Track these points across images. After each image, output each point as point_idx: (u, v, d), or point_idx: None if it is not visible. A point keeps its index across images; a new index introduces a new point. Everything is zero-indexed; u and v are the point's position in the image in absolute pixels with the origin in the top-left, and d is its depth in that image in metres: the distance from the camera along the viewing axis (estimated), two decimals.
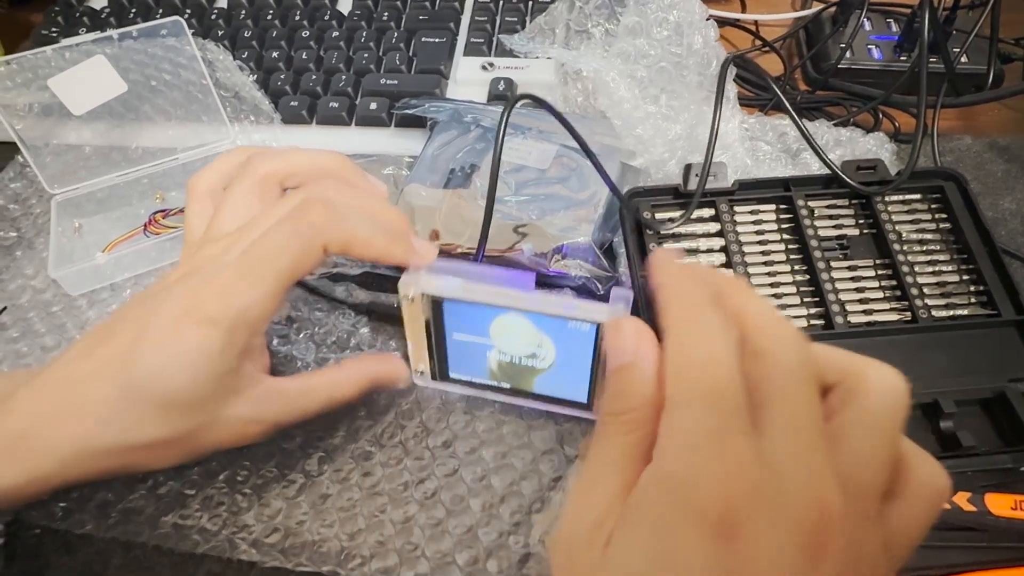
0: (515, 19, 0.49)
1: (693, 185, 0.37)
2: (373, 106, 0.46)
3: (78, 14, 0.53)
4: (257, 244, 0.26)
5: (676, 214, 0.37)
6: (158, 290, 0.28)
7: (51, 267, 0.39)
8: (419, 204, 0.39)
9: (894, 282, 0.35)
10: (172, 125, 0.46)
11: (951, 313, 0.34)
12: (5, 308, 0.39)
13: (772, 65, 0.51)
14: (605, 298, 0.29)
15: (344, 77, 0.48)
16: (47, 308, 0.40)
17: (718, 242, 0.36)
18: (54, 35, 0.52)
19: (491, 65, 0.47)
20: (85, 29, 0.52)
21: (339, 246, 0.27)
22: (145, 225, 0.42)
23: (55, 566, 0.31)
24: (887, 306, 0.35)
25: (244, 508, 0.32)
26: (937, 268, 0.35)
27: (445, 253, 0.38)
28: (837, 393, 0.19)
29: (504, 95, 0.45)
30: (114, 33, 0.42)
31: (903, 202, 0.38)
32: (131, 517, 0.32)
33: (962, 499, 0.28)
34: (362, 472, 0.32)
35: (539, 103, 0.32)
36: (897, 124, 0.45)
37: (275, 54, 0.50)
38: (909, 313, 0.34)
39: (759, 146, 0.41)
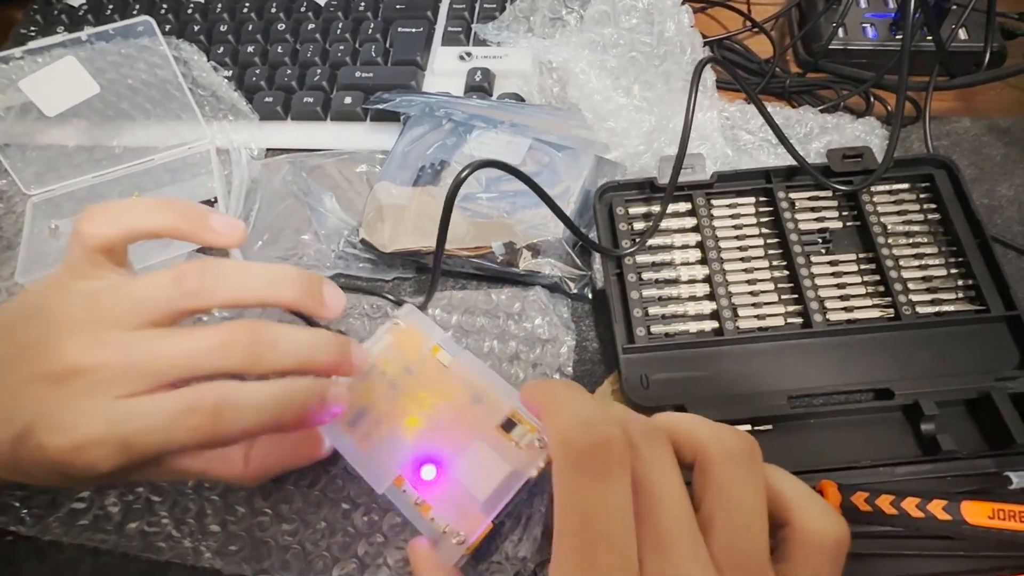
0: (494, 6, 0.47)
1: (668, 179, 0.35)
2: (348, 100, 0.45)
3: (56, 12, 0.52)
4: (133, 416, 0.23)
5: (650, 208, 0.36)
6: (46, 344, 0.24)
7: (19, 272, 0.38)
8: (388, 202, 0.38)
9: (877, 277, 0.34)
10: (151, 124, 0.45)
11: (937, 309, 0.32)
12: None
13: (763, 47, 0.48)
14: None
15: (319, 71, 0.46)
16: None
17: (693, 237, 0.35)
18: (32, 34, 0.51)
19: (468, 55, 0.45)
20: (63, 27, 0.52)
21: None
22: None
23: (28, 572, 0.31)
24: (869, 303, 0.33)
25: (210, 515, 0.31)
26: (923, 262, 0.34)
27: (415, 254, 0.37)
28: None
29: (481, 86, 0.44)
30: (84, 34, 0.42)
31: (890, 192, 0.36)
32: (100, 524, 0.32)
33: (937, 507, 0.27)
34: (328, 477, 0.32)
35: (496, 165, 0.31)
36: (889, 108, 0.43)
37: (251, 48, 0.48)
38: (892, 310, 0.33)
39: (741, 135, 0.39)
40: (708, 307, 0.33)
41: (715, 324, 0.33)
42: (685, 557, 0.18)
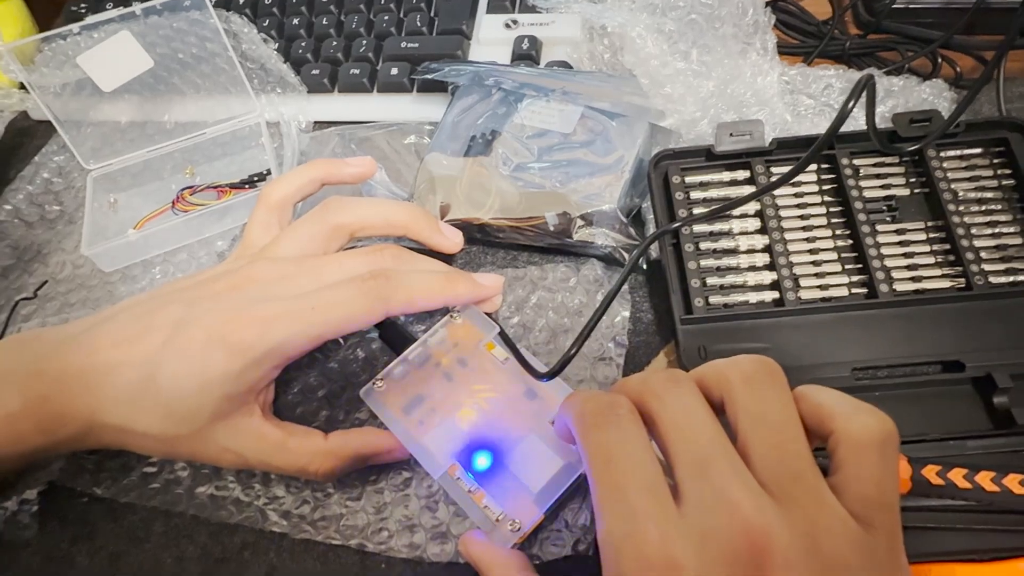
0: None
1: (726, 146, 0.34)
2: (394, 71, 0.44)
3: None
4: (322, 292, 0.27)
5: (708, 177, 0.35)
6: (202, 294, 0.28)
7: (84, 244, 0.39)
8: (439, 174, 0.38)
9: (947, 246, 0.32)
10: (201, 98, 0.46)
11: (1011, 279, 0.31)
12: (46, 283, 0.41)
13: (819, 7, 0.46)
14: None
15: (365, 42, 0.46)
16: (84, 283, 0.41)
17: (753, 206, 0.34)
18: (83, 11, 0.52)
19: (514, 23, 0.45)
20: (112, 4, 0.52)
21: (401, 310, 0.29)
22: (173, 202, 0.42)
23: (103, 532, 0.32)
24: (938, 272, 0.32)
25: (275, 480, 0.32)
26: (997, 230, 0.32)
27: (465, 225, 0.37)
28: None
29: (528, 54, 0.43)
30: (138, 8, 0.42)
31: (960, 157, 0.34)
32: (171, 488, 0.33)
33: (1013, 481, 0.26)
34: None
35: None
36: (958, 69, 0.41)
37: (296, 20, 0.48)
38: (963, 280, 0.31)
39: (800, 100, 0.37)
40: (768, 277, 0.33)
41: (775, 294, 0.32)
42: (723, 476, 0.18)
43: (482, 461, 0.28)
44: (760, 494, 0.18)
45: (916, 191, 0.34)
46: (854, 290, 0.32)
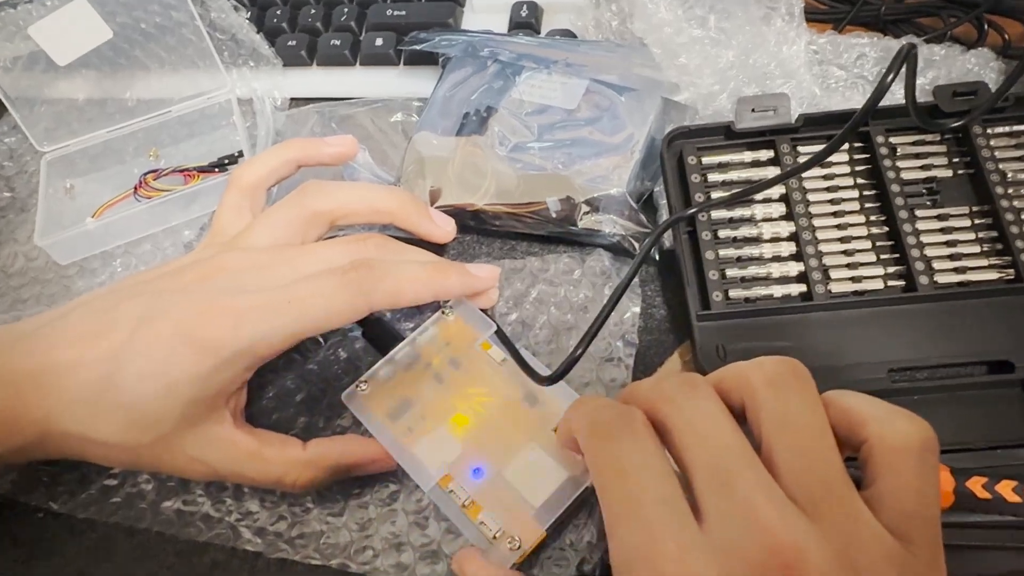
0: None
1: (748, 123, 0.34)
2: (379, 42, 0.44)
3: None
4: (299, 284, 0.27)
5: (727, 158, 0.35)
6: (168, 286, 0.29)
7: (38, 235, 0.39)
8: (429, 155, 0.38)
9: (994, 233, 0.32)
10: (165, 73, 0.45)
11: None
12: None
13: None
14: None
15: (346, 9, 0.46)
16: (38, 277, 0.40)
17: (777, 190, 0.34)
18: None
19: None
20: None
21: (385, 304, 0.28)
22: (135, 188, 0.42)
23: (59, 551, 0.32)
24: (984, 263, 0.31)
25: (249, 494, 0.32)
26: None
27: (458, 211, 0.36)
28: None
29: (528, 22, 0.42)
30: None
31: (1010, 134, 0.34)
32: (134, 502, 0.33)
33: None
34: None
35: None
36: (1007, 36, 0.40)
37: None
38: (1012, 271, 0.31)
39: (831, 71, 0.37)
40: (795, 268, 0.32)
41: (803, 288, 0.32)
42: (748, 488, 0.18)
43: (478, 472, 0.28)
44: (789, 508, 0.18)
45: (960, 172, 0.33)
46: (890, 282, 0.32)
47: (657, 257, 0.36)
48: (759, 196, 0.34)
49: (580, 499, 0.28)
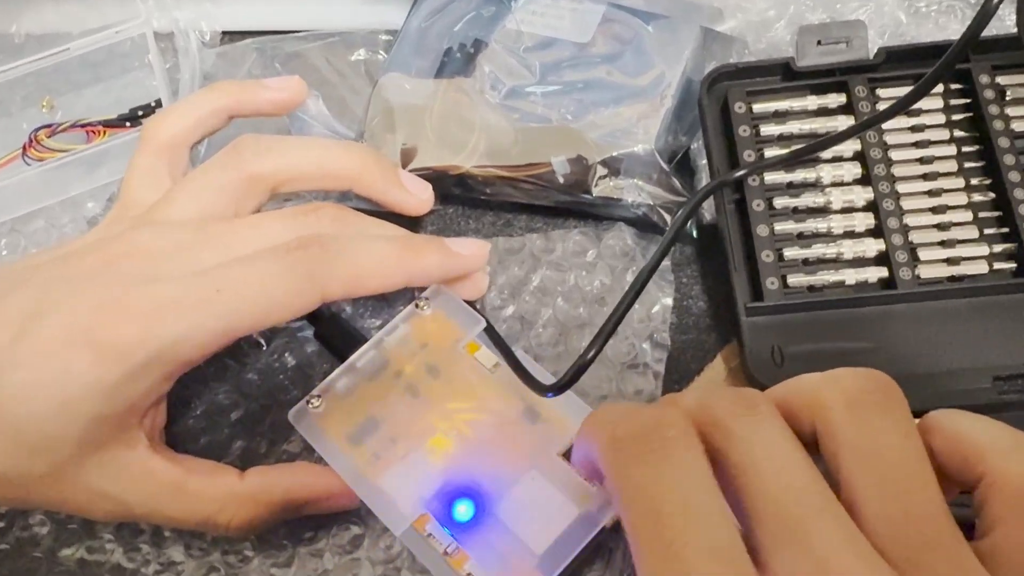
0: None
1: (813, 59, 0.34)
2: None
3: None
4: (231, 268, 0.27)
5: (786, 104, 0.34)
6: (65, 274, 0.28)
7: None
8: (400, 103, 0.37)
9: None
10: (62, 1, 0.45)
11: None
12: None
13: None
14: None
15: None
16: None
17: (851, 145, 0.33)
18: None
19: None
20: None
21: (342, 293, 0.28)
22: (24, 147, 0.41)
23: None
24: None
25: (171, 539, 0.31)
26: None
27: (438, 175, 0.36)
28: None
29: None
30: None
31: None
32: (24, 550, 0.32)
33: None
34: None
35: None
36: None
37: None
38: None
39: None
40: (873, 247, 0.32)
41: (883, 272, 0.31)
42: (827, 541, 0.17)
43: (463, 510, 0.28)
44: (881, 569, 0.17)
45: None
46: (997, 265, 0.31)
47: (694, 234, 0.35)
48: (827, 153, 0.33)
49: (595, 542, 0.27)
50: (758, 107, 0.34)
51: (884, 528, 0.18)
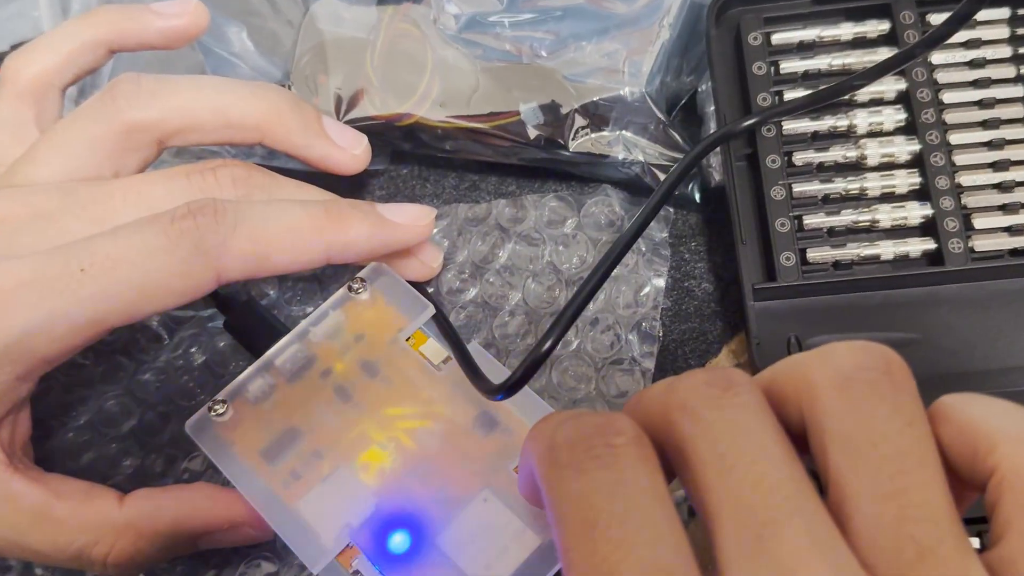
0: None
1: None
2: None
3: None
4: (102, 241, 0.27)
5: (812, 33, 0.34)
6: None
7: None
8: (336, 35, 0.38)
9: None
10: None
11: None
12: None
13: None
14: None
15: None
16: None
17: (892, 85, 0.33)
18: None
19: None
20: None
21: (243, 271, 0.28)
22: None
23: None
24: None
25: None
26: None
27: (382, 126, 0.37)
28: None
29: None
30: None
31: None
32: None
33: None
34: None
35: None
36: None
37: None
38: None
39: None
40: (917, 213, 0.32)
41: (930, 244, 0.32)
42: (795, 548, 0.18)
43: (398, 541, 0.28)
44: None
45: None
46: None
47: (697, 197, 0.36)
48: (862, 95, 0.33)
49: None
50: (778, 38, 0.34)
51: (873, 534, 0.18)
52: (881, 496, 0.18)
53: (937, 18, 0.34)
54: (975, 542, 0.27)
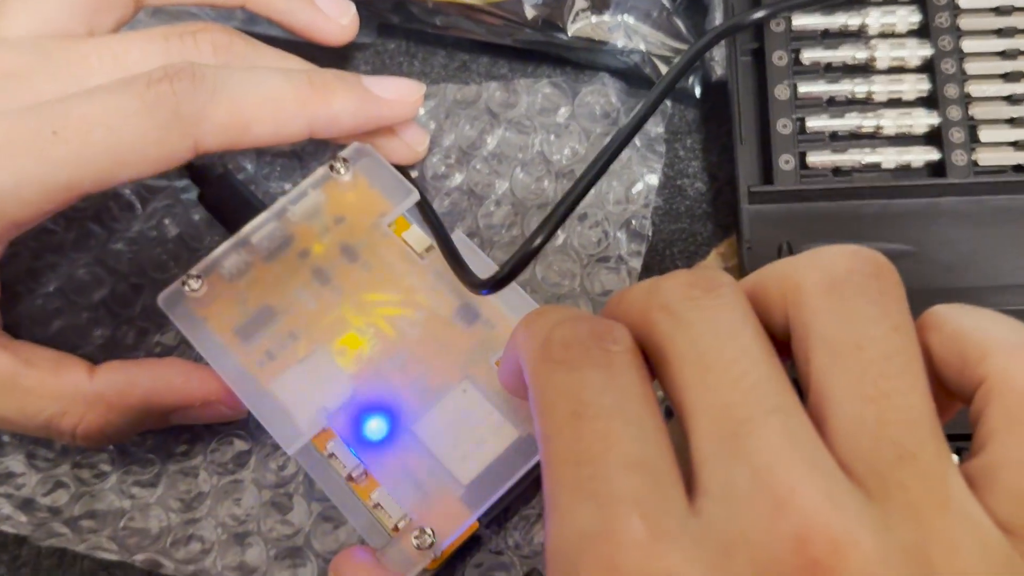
0: None
1: None
2: None
3: None
4: (76, 103, 0.26)
5: None
6: None
7: None
8: None
9: None
10: None
11: None
12: None
13: None
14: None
15: None
16: None
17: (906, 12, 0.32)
18: None
19: None
20: None
21: (221, 141, 0.28)
22: None
23: None
24: None
25: (9, 445, 0.32)
26: None
27: None
28: None
29: None
30: None
31: None
32: None
33: None
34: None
35: None
36: None
37: None
38: None
39: None
40: (923, 121, 0.32)
41: (933, 154, 0.31)
42: (771, 445, 0.18)
43: (375, 427, 0.28)
44: (835, 480, 0.17)
45: None
46: None
47: (698, 93, 0.35)
48: (874, 22, 0.33)
49: (534, 474, 0.28)
50: None
51: (852, 436, 0.18)
52: (862, 398, 0.19)
53: None
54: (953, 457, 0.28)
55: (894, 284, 0.20)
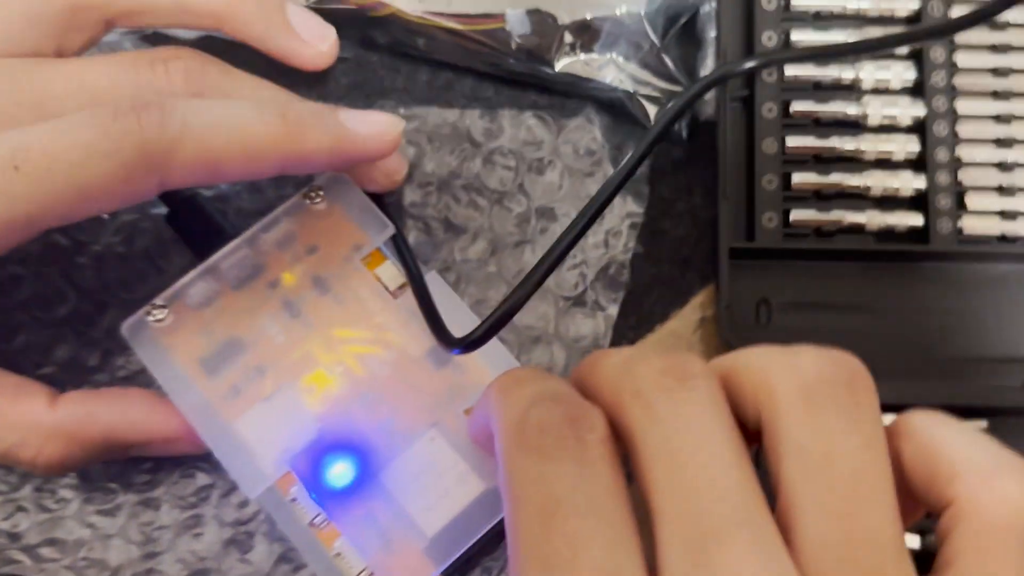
0: None
1: None
2: None
3: None
4: (36, 134, 0.26)
5: None
6: None
7: None
8: None
9: None
10: None
11: None
12: None
13: None
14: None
15: None
16: None
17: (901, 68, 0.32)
18: None
19: None
20: None
21: (188, 180, 0.27)
22: None
23: None
24: None
25: None
26: None
27: (354, 14, 0.35)
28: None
29: None
30: None
31: None
32: None
33: None
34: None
35: None
36: None
37: None
38: None
39: None
40: (910, 184, 0.31)
41: (917, 219, 0.32)
42: (738, 562, 0.18)
43: (339, 471, 0.28)
44: None
45: None
46: None
47: (685, 134, 0.35)
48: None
49: (499, 528, 0.28)
50: None
51: (818, 552, 0.18)
52: (830, 514, 0.19)
53: None
54: (916, 540, 0.28)
55: (867, 394, 0.20)
